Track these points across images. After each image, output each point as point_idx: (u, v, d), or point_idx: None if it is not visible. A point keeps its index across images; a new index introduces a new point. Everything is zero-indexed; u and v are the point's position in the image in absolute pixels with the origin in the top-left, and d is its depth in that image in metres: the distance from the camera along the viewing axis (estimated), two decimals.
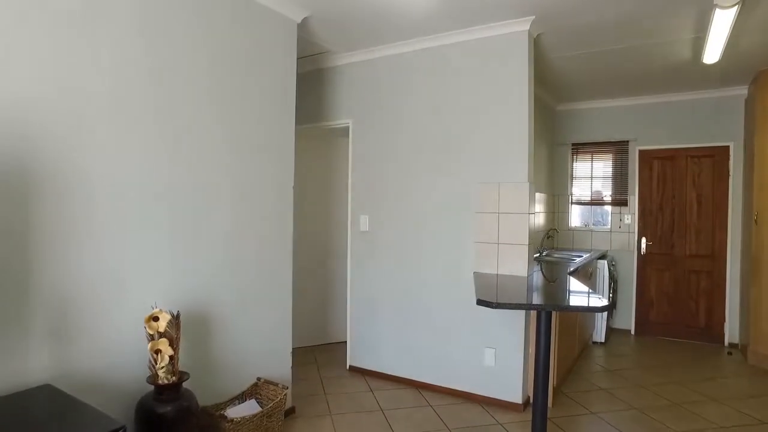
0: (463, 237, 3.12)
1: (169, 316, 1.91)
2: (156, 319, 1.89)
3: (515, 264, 2.92)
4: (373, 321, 3.51)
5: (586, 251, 4.74)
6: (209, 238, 2.33)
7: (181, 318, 2.16)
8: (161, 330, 1.89)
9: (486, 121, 3.04)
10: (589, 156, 5.19)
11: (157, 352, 1.88)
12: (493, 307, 2.02)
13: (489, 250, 3.01)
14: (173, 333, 1.95)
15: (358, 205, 3.58)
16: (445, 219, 3.19)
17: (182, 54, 2.16)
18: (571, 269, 3.30)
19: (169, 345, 1.91)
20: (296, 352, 4.06)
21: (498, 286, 2.61)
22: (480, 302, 2.06)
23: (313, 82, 3.82)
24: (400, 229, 3.38)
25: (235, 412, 2.34)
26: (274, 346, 2.73)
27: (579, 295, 2.33)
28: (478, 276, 2.93)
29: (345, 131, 3.71)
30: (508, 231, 2.95)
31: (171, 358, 1.91)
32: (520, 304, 2.06)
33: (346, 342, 3.71)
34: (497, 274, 2.96)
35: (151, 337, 1.88)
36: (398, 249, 3.39)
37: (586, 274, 3.94)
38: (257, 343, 2.61)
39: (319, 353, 4.06)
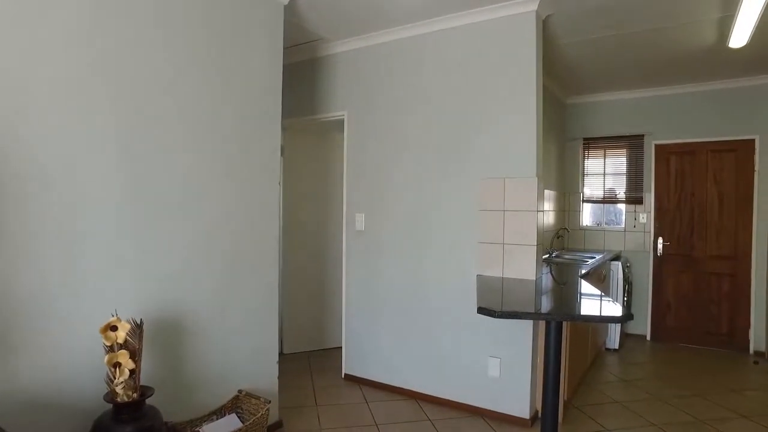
0: (465, 237, 2.88)
1: (129, 325, 1.70)
2: (114, 328, 1.68)
3: (522, 266, 2.67)
4: (370, 327, 3.28)
5: (599, 252, 4.47)
6: (183, 235, 2.11)
7: (149, 325, 1.95)
8: (120, 341, 1.68)
9: (491, 111, 2.80)
10: (601, 152, 4.92)
11: (116, 365, 1.67)
12: (495, 317, 1.78)
13: (494, 251, 2.76)
14: (135, 343, 1.74)
15: (353, 202, 3.36)
16: (446, 217, 2.96)
17: (152, 34, 1.95)
18: (584, 272, 3.05)
19: (131, 357, 1.70)
20: (289, 357, 3.87)
21: (503, 291, 2.37)
22: (481, 311, 1.83)
23: (305, 72, 3.60)
24: (398, 229, 3.15)
25: (211, 429, 2.13)
26: (259, 354, 2.51)
27: (593, 301, 2.08)
28: (481, 279, 2.69)
29: (340, 125, 3.49)
30: (514, 230, 2.70)
31: (132, 372, 1.70)
32: (526, 313, 1.82)
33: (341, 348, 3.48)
34: (503, 278, 2.72)
35: (109, 349, 1.67)
36: (396, 250, 3.16)
37: (599, 276, 3.67)
38: (239, 352, 2.39)
39: (314, 359, 3.84)
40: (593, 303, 2.12)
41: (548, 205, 4.40)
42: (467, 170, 2.87)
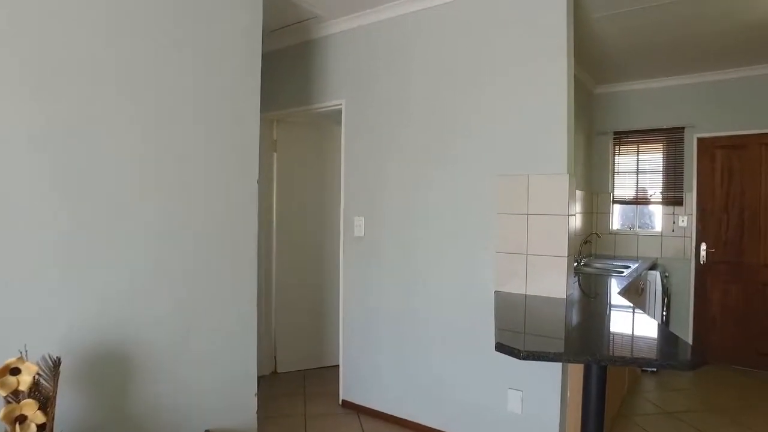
0: (482, 245, 2.43)
1: (36, 367, 1.30)
2: (15, 371, 1.28)
3: (550, 281, 2.21)
4: (370, 348, 2.85)
5: (632, 259, 3.97)
6: (131, 242, 1.72)
7: (86, 358, 1.56)
8: (25, 387, 1.29)
9: (510, 94, 2.34)
10: (634, 147, 4.39)
11: (19, 420, 1.28)
12: (520, 358, 1.33)
13: (515, 262, 2.31)
14: (50, 389, 1.35)
15: (351, 204, 2.93)
16: (459, 221, 2.51)
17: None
18: (622, 286, 2.56)
19: (40, 408, 1.31)
20: (284, 378, 3.47)
21: (527, 314, 1.92)
22: (502, 349, 1.38)
23: (298, 58, 3.19)
24: (403, 235, 2.71)
25: None
26: (233, 386, 2.11)
27: (643, 331, 1.62)
28: (500, 297, 2.24)
29: (338, 116, 3.07)
30: (540, 238, 2.24)
31: (42, 427, 1.31)
32: (559, 354, 1.37)
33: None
34: (526, 295, 2.26)
35: (7, 401, 1.27)
36: (400, 259, 2.72)
37: (637, 289, 3.18)
38: (206, 384, 1.99)
39: (309, 380, 3.43)
40: (644, 333, 1.65)
41: (577, 207, 3.90)
42: (485, 165, 2.42)
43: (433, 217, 2.60)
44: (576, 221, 3.73)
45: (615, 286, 2.60)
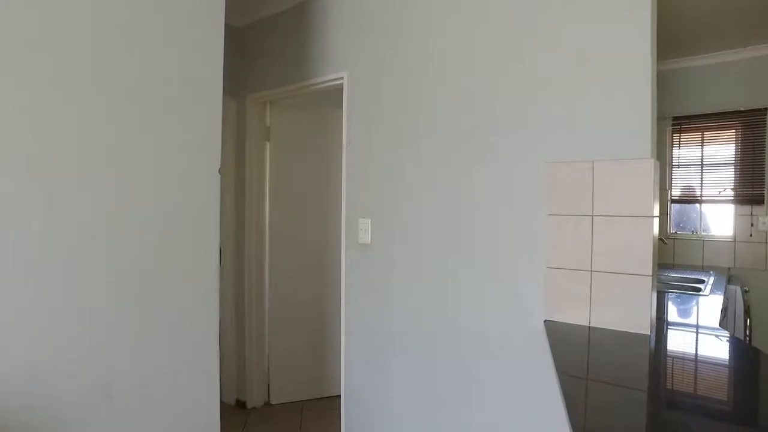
0: (524, 258, 1.80)
1: None
2: None
3: (627, 309, 1.57)
4: (380, 383, 2.26)
5: (696, 269, 3.28)
6: (19, 244, 1.17)
7: None
8: None
9: (562, 54, 1.71)
10: (698, 134, 3.67)
11: None
12: None
13: (574, 282, 1.68)
14: None
15: (355, 203, 2.34)
16: (491, 225, 1.89)
17: None
18: (714, 311, 1.90)
19: None
20: (278, 411, 2.90)
21: (590, 362, 1.30)
22: None
23: (291, 24, 2.63)
24: (419, 243, 2.10)
25: None
26: None
27: None
28: (554, 330, 1.61)
29: (338, 95, 2.49)
30: (611, 248, 1.60)
31: None
32: None
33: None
34: (590, 327, 1.63)
35: None
36: (416, 274, 2.12)
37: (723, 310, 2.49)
38: None
39: (308, 412, 2.86)
40: None
41: None
42: (529, 149, 1.80)
43: (459, 219, 1.98)
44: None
45: (706, 311, 1.94)
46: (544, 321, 1.73)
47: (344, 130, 2.36)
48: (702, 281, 2.72)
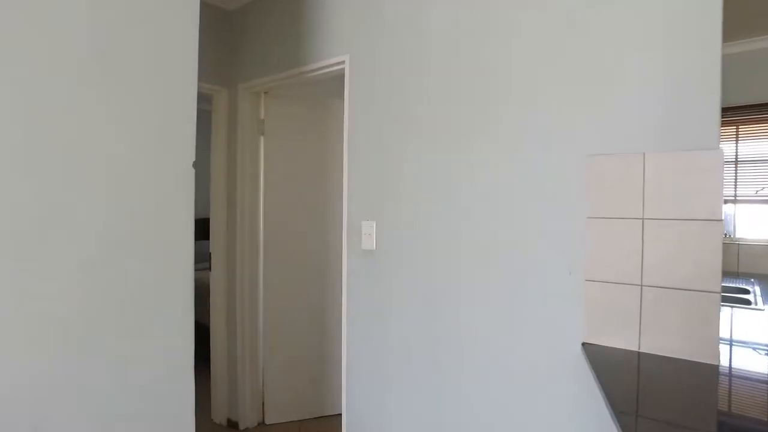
0: (557, 268, 1.52)
1: None
2: None
3: (688, 333, 1.29)
4: (385, 410, 1.98)
5: (732, 276, 2.97)
6: None
7: None
8: None
9: (612, 18, 1.43)
10: (732, 128, 3.37)
11: None
12: None
13: (619, 298, 1.39)
14: None
15: (358, 204, 2.07)
16: (519, 231, 1.61)
17: None
18: None
19: None
20: (273, 430, 2.64)
21: (646, 402, 1.02)
22: None
23: (287, 5, 2.36)
24: (432, 249, 1.83)
25: None
26: None
27: None
28: (594, 355, 1.33)
29: (339, 83, 2.22)
30: (667, 258, 1.32)
31: None
32: None
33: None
34: (639, 353, 1.34)
35: None
36: (427, 286, 1.84)
37: None
38: None
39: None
40: None
41: None
42: (564, 139, 1.52)
43: (479, 222, 1.71)
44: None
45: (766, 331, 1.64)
46: (582, 344, 1.45)
47: (346, 120, 2.09)
48: (747, 291, 2.42)
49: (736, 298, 2.28)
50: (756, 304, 2.11)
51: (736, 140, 3.36)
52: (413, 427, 1.88)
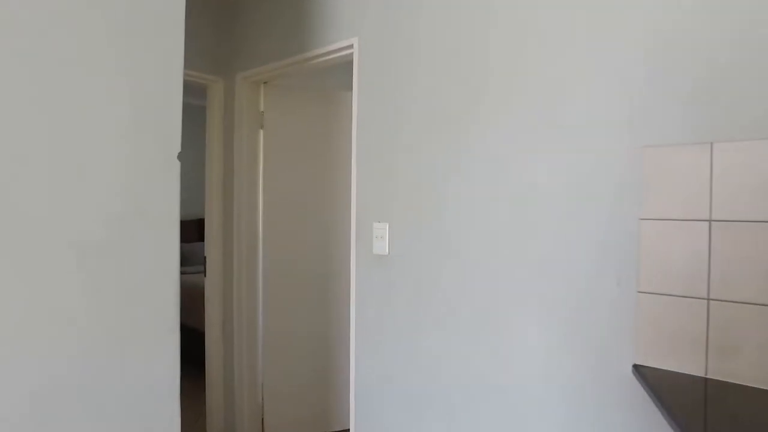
0: (604, 277, 1.32)
1: None
2: None
3: (767, 358, 1.08)
4: (397, 429, 1.78)
5: None
6: None
7: None
8: None
9: None
10: None
11: None
12: None
13: (680, 313, 1.19)
14: None
15: (367, 203, 1.87)
16: (561, 233, 1.41)
17: None
18: None
19: None
20: None
21: None
22: None
23: None
24: (453, 254, 1.62)
25: None
26: None
27: None
28: (650, 381, 1.13)
29: (347, 71, 2.02)
30: (742, 268, 1.12)
31: None
32: None
33: None
34: (706, 379, 1.14)
35: None
36: (449, 295, 1.64)
37: None
38: None
39: None
40: None
41: None
42: (612, 127, 1.31)
43: (511, 224, 1.50)
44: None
45: None
46: (634, 365, 1.25)
47: (355, 111, 1.89)
48: None
49: None
50: None
51: None
52: None
